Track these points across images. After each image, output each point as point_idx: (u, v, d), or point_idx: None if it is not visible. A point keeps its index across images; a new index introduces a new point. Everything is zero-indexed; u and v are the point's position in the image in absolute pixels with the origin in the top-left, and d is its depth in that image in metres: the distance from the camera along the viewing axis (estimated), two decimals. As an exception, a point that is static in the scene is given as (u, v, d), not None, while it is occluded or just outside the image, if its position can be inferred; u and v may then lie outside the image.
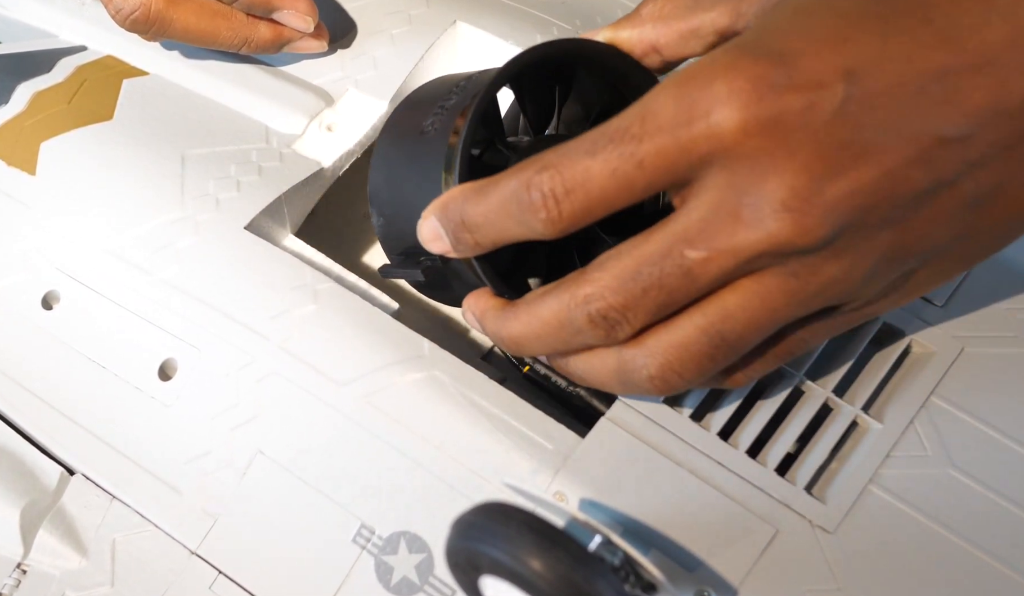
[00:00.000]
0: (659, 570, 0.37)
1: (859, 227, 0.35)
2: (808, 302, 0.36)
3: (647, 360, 0.38)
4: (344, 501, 0.43)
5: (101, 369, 0.47)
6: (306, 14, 0.53)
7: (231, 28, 0.52)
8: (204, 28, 0.52)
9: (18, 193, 0.51)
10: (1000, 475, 0.41)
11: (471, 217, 0.38)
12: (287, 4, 0.53)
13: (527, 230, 0.37)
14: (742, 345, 0.37)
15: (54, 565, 0.46)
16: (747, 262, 0.35)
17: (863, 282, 0.36)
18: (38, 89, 0.53)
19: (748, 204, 0.34)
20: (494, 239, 0.38)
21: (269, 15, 0.53)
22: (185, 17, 0.51)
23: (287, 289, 0.46)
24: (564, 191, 0.36)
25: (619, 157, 0.35)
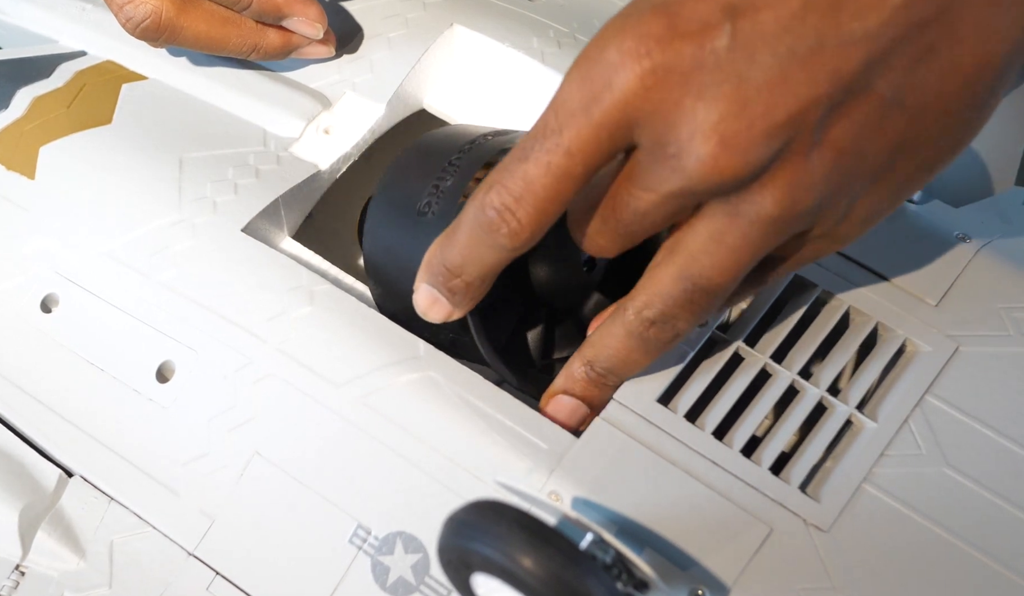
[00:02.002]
0: (652, 568, 0.37)
1: (783, 151, 0.35)
2: (766, 236, 0.37)
3: (645, 313, 0.39)
4: (340, 502, 0.43)
5: (99, 371, 0.48)
6: (316, 21, 0.53)
7: (240, 35, 0.52)
8: (214, 35, 0.52)
9: (17, 197, 0.51)
10: (995, 474, 0.41)
11: (451, 261, 0.40)
12: (297, 11, 0.53)
13: (500, 251, 0.38)
14: (719, 289, 0.38)
15: (52, 566, 0.46)
16: (682, 199, 0.36)
17: (815, 206, 0.37)
18: (38, 94, 0.53)
19: (671, 153, 0.35)
20: (479, 273, 0.39)
21: (279, 22, 0.53)
22: (195, 25, 0.52)
23: (284, 291, 0.46)
24: (514, 200, 0.37)
25: (547, 152, 0.36)
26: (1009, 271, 0.46)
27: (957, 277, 0.45)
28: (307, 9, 0.53)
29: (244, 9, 0.52)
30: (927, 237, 0.47)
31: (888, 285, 0.45)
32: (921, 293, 0.45)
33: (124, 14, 0.51)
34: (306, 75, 0.54)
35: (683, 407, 0.42)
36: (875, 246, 0.46)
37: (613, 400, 0.42)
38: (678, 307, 0.39)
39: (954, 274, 0.45)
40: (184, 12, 0.51)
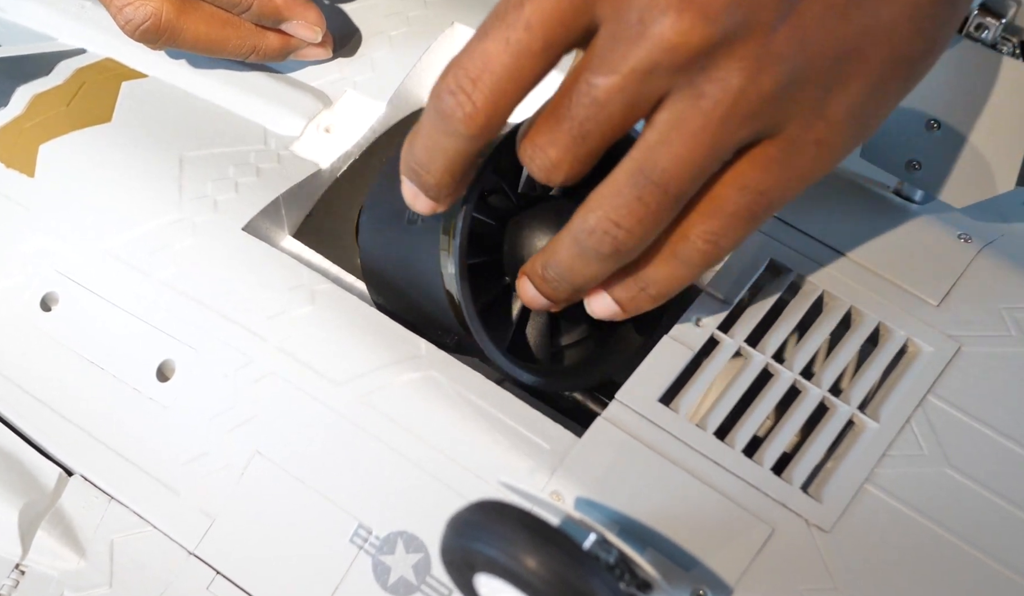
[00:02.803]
0: (655, 569, 0.37)
1: (749, 21, 0.35)
2: (727, 123, 0.36)
3: (588, 217, 0.38)
4: (341, 501, 0.43)
5: (99, 370, 0.47)
6: (314, 24, 0.53)
7: (240, 37, 0.52)
8: (214, 37, 0.52)
9: (17, 195, 0.51)
10: (996, 474, 0.41)
11: (416, 156, 0.39)
12: (296, 14, 0.53)
13: (459, 138, 0.37)
14: (673, 183, 0.37)
15: (52, 566, 0.46)
16: (644, 80, 0.35)
17: (779, 87, 0.36)
18: (37, 91, 0.53)
19: (632, 23, 0.35)
20: (444, 166, 0.39)
21: (278, 25, 0.53)
22: (195, 26, 0.51)
23: (285, 290, 0.46)
24: (471, 82, 0.36)
25: (507, 28, 0.36)
26: (1011, 271, 0.46)
27: (959, 277, 0.45)
28: (306, 12, 0.53)
29: (244, 12, 0.52)
30: (928, 237, 0.47)
31: (890, 285, 0.45)
32: (923, 293, 0.45)
33: (123, 16, 0.51)
34: (307, 73, 0.54)
35: (685, 407, 0.42)
36: (876, 246, 0.46)
37: (615, 400, 0.42)
38: (627, 209, 0.37)
39: (956, 274, 0.45)
40: (184, 13, 0.51)
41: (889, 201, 0.48)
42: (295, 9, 0.53)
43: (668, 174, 0.36)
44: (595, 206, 0.38)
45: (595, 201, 0.38)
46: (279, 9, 0.53)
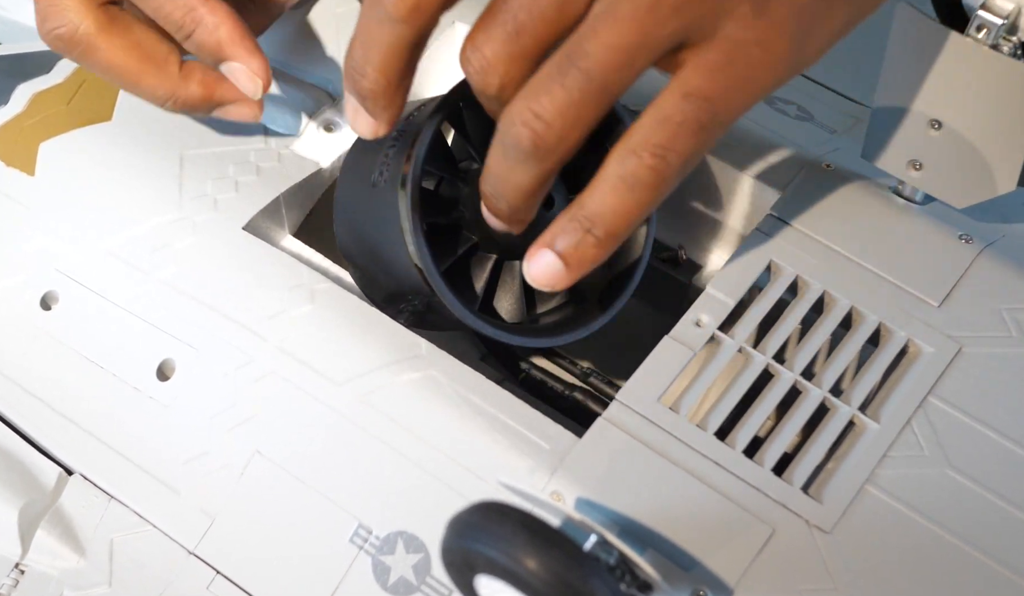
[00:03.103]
0: (655, 569, 0.37)
1: None
2: (658, 9, 0.35)
3: (512, 107, 0.36)
4: (341, 501, 0.43)
5: (99, 369, 0.47)
6: (257, 75, 0.47)
7: (158, 77, 0.47)
8: (130, 68, 0.47)
9: (17, 194, 0.51)
10: (997, 475, 0.41)
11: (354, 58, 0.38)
12: (241, 57, 0.47)
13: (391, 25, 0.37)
14: (599, 74, 0.35)
15: (52, 565, 0.46)
16: None
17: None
18: (37, 90, 0.53)
19: None
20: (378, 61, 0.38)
21: (217, 64, 0.47)
22: (113, 52, 0.46)
23: (285, 289, 0.46)
24: None
25: None
26: (1012, 272, 0.46)
27: (960, 278, 0.45)
28: (250, 58, 0.47)
29: (185, 38, 0.46)
30: (930, 238, 0.47)
31: (891, 286, 0.45)
32: (924, 294, 0.45)
33: (40, 14, 0.46)
34: (307, 72, 0.54)
35: (685, 408, 0.42)
36: (877, 246, 0.46)
37: (615, 400, 0.42)
38: (553, 104, 0.36)
39: (957, 275, 0.45)
40: (105, 33, 0.46)
41: (890, 201, 0.48)
42: (239, 51, 0.46)
43: (593, 59, 0.35)
44: (519, 97, 0.37)
45: (520, 93, 0.37)
46: (221, 45, 0.46)
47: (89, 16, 0.45)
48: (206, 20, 0.45)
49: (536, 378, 0.50)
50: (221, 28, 0.45)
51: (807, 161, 0.50)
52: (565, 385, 0.50)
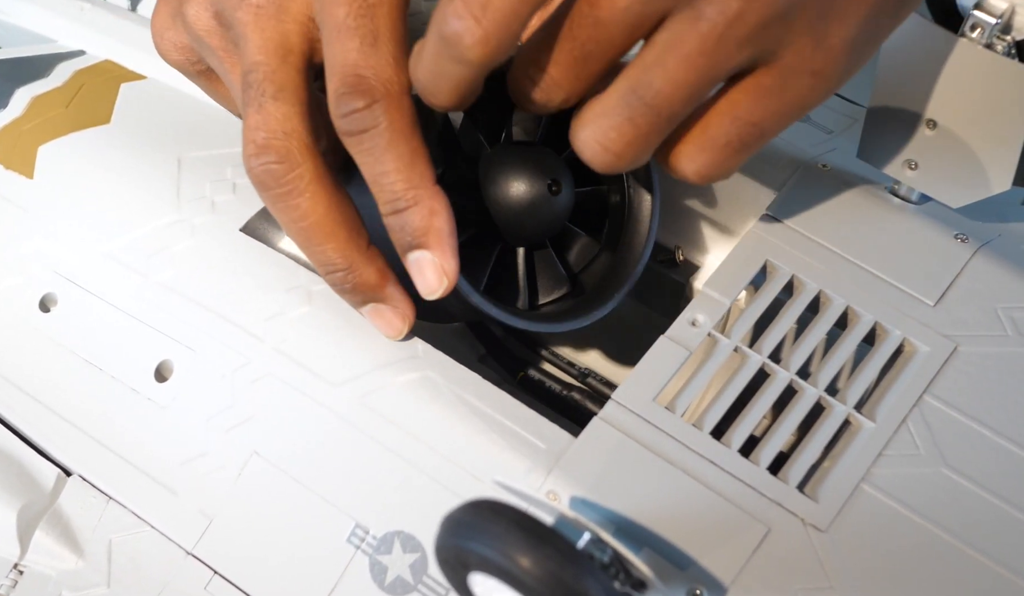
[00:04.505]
0: (650, 568, 0.37)
1: None
2: (725, 45, 0.36)
3: (579, 134, 0.38)
4: (339, 501, 0.43)
5: (98, 371, 0.48)
6: (447, 275, 0.42)
7: (345, 246, 0.43)
8: (324, 227, 0.43)
9: (16, 197, 0.51)
10: (993, 474, 0.41)
11: (421, 81, 0.39)
12: (439, 252, 0.41)
13: (466, 66, 0.37)
14: (664, 105, 0.36)
15: (51, 566, 0.46)
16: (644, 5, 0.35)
17: (777, 12, 0.35)
18: (36, 93, 0.54)
19: None
20: (448, 90, 0.38)
21: (409, 251, 0.42)
22: (317, 203, 0.42)
23: (282, 291, 0.46)
24: (480, 7, 0.36)
25: None
26: (1007, 271, 0.46)
27: (955, 277, 0.45)
28: (448, 258, 0.42)
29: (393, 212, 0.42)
30: (925, 237, 0.47)
31: (886, 285, 0.45)
32: (919, 293, 0.45)
33: (254, 143, 0.42)
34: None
35: (681, 407, 0.42)
36: (873, 246, 0.46)
37: (611, 400, 0.42)
38: (616, 132, 0.37)
39: (952, 274, 0.45)
40: (318, 183, 0.42)
41: (886, 201, 0.48)
42: (442, 246, 0.42)
43: (661, 95, 0.36)
44: (586, 123, 0.38)
45: (585, 118, 0.38)
46: (428, 232, 0.41)
47: (310, 160, 0.42)
48: (425, 202, 0.41)
49: (534, 378, 0.50)
50: (437, 217, 0.41)
51: (803, 161, 0.50)
52: (562, 385, 0.50)
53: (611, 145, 0.37)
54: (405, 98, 0.40)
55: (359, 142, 0.40)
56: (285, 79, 0.42)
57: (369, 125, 0.40)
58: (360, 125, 0.40)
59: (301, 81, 0.42)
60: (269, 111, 0.41)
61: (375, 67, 0.39)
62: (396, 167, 0.40)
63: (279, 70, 0.42)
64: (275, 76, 0.42)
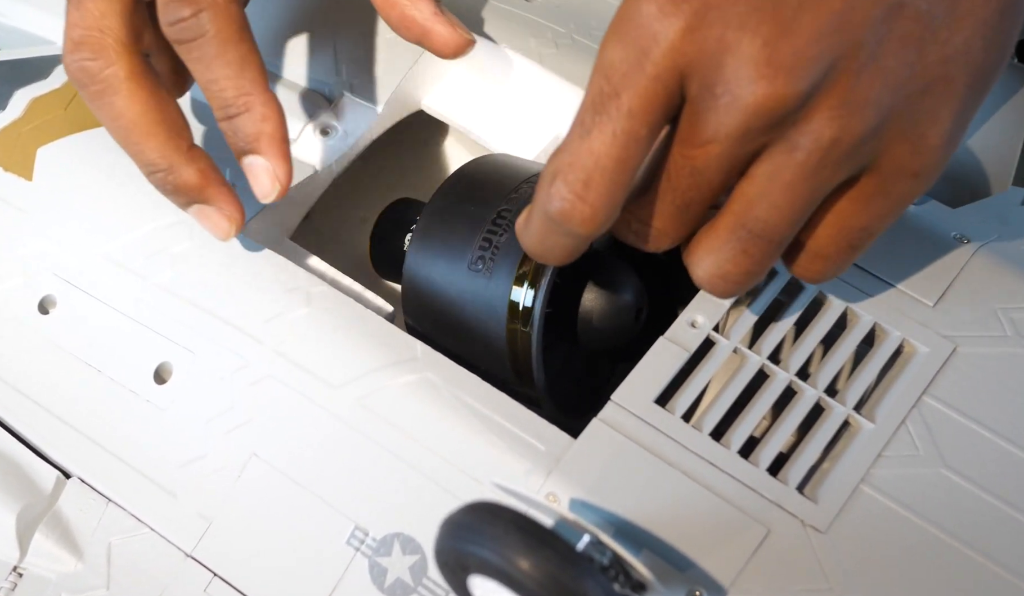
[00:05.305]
0: (650, 570, 0.37)
1: (834, 70, 0.35)
2: (822, 170, 0.36)
3: (695, 271, 0.40)
4: (338, 503, 0.43)
5: (97, 373, 0.48)
6: (279, 180, 0.44)
7: (165, 146, 0.44)
8: (141, 126, 0.43)
9: (15, 199, 0.51)
10: (992, 475, 0.41)
11: (532, 249, 0.40)
12: (273, 157, 0.44)
13: (575, 238, 0.38)
14: (774, 233, 0.38)
15: (50, 568, 0.46)
16: (741, 143, 0.36)
17: (869, 129, 0.36)
18: (35, 95, 0.53)
19: (721, 92, 0.35)
20: (560, 255, 0.39)
21: (243, 155, 0.44)
22: (133, 100, 0.43)
23: (281, 292, 0.46)
24: (583, 184, 0.37)
25: (610, 120, 0.36)
26: (1007, 271, 0.46)
27: (955, 278, 0.45)
28: (281, 162, 0.44)
29: (225, 117, 0.44)
30: (925, 238, 0.47)
31: (886, 286, 0.45)
32: (919, 294, 0.45)
33: (72, 41, 0.43)
34: (303, 75, 0.54)
35: (680, 408, 0.42)
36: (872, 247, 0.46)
37: (611, 401, 0.42)
38: (731, 263, 0.39)
39: (952, 275, 0.45)
40: (134, 81, 0.43)
41: (885, 202, 0.48)
42: (274, 151, 0.44)
43: (769, 225, 0.37)
44: (701, 258, 0.39)
45: (699, 254, 0.39)
46: (259, 137, 0.44)
47: (125, 57, 0.43)
48: (256, 108, 0.43)
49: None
50: (267, 122, 0.43)
51: (802, 162, 0.50)
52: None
53: (729, 276, 0.39)
54: (233, 5, 0.41)
55: (188, 50, 0.42)
56: None
57: (197, 33, 0.41)
58: (188, 34, 0.41)
59: None
60: (87, 8, 0.43)
61: None
62: (226, 74, 0.42)
63: None
64: None
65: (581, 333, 0.47)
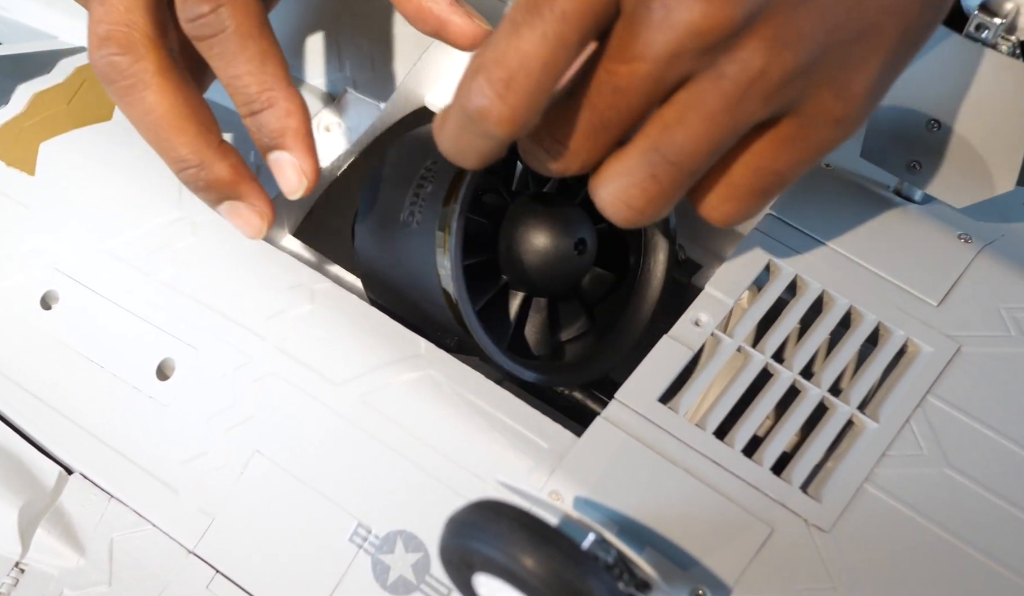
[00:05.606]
0: (654, 568, 0.37)
1: (768, 4, 0.35)
2: (746, 102, 0.36)
3: (599, 192, 0.38)
4: (341, 500, 0.43)
5: (99, 369, 0.48)
6: (306, 175, 0.43)
7: (195, 142, 0.43)
8: (171, 122, 0.43)
9: (17, 194, 0.51)
10: (996, 474, 0.41)
11: (446, 151, 0.38)
12: (298, 152, 0.43)
13: (491, 140, 0.37)
14: (687, 162, 0.37)
15: (52, 564, 0.46)
16: (669, 65, 0.35)
17: (799, 66, 0.36)
18: (38, 90, 0.53)
19: (658, 7, 0.34)
20: (474, 160, 0.38)
21: (268, 152, 0.44)
22: (162, 96, 0.42)
23: (284, 289, 0.46)
24: (504, 83, 0.35)
25: (542, 21, 0.35)
26: (1011, 271, 0.46)
27: (959, 277, 0.45)
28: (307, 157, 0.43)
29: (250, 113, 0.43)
30: (928, 237, 0.47)
31: (889, 285, 0.45)
32: (923, 293, 0.45)
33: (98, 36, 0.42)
34: (306, 72, 0.54)
35: (684, 407, 0.42)
36: (876, 246, 0.46)
37: (615, 399, 0.42)
38: (638, 189, 0.37)
39: (956, 274, 0.45)
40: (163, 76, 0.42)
41: (889, 201, 0.48)
42: (300, 145, 0.43)
43: (683, 152, 0.36)
44: (608, 180, 0.38)
45: (607, 176, 0.38)
46: (284, 133, 0.43)
47: (153, 52, 0.42)
48: (280, 103, 0.42)
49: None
50: (292, 117, 0.42)
51: (806, 161, 0.50)
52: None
53: (634, 202, 0.38)
54: (252, 1, 0.40)
55: (209, 47, 0.41)
56: None
57: (217, 29, 0.40)
58: (208, 30, 0.40)
59: None
60: (112, 3, 0.42)
61: None
62: (248, 70, 0.41)
63: None
64: None
65: (528, 273, 0.46)
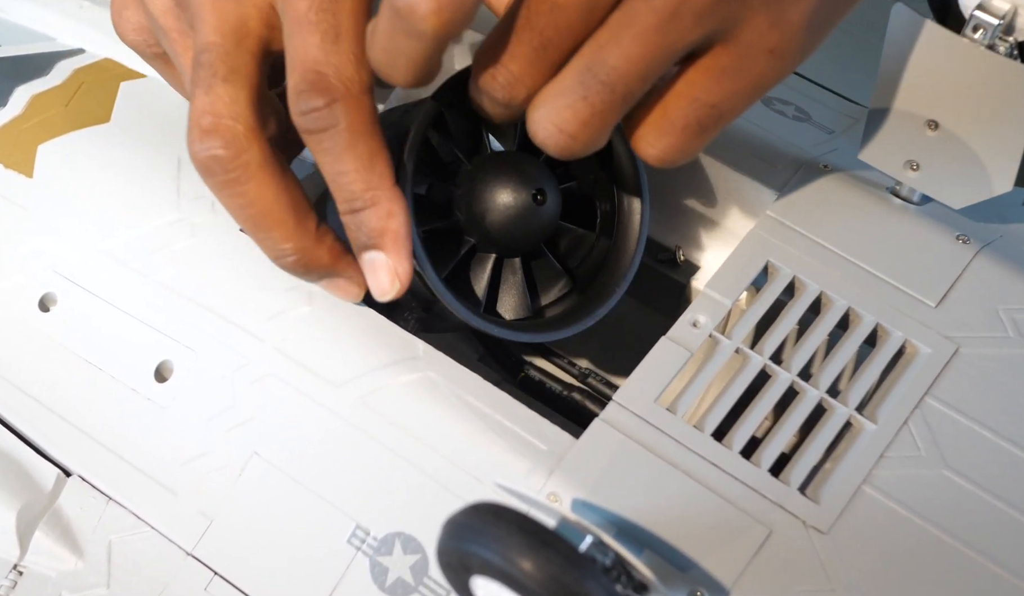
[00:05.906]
0: (652, 570, 0.37)
1: None
2: (677, 19, 0.35)
3: (532, 115, 0.37)
4: (339, 502, 0.43)
5: (97, 371, 0.47)
6: (400, 278, 0.42)
7: (295, 231, 0.42)
8: (273, 213, 0.41)
9: (15, 196, 0.51)
10: (994, 476, 0.41)
11: (376, 61, 0.38)
12: (395, 254, 0.41)
13: (421, 40, 0.36)
14: (619, 83, 0.36)
15: (50, 566, 0.46)
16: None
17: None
18: (36, 92, 0.53)
19: None
20: (404, 69, 0.37)
21: (364, 251, 0.42)
22: (265, 188, 0.41)
23: (283, 290, 0.46)
24: None
25: None
26: (1009, 272, 0.46)
27: (957, 278, 0.45)
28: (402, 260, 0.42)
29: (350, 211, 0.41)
30: (927, 238, 0.47)
31: (888, 286, 0.45)
32: (921, 294, 0.45)
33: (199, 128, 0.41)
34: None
35: (682, 409, 0.42)
36: (874, 247, 0.46)
37: (612, 401, 0.42)
38: (571, 112, 0.37)
39: (954, 275, 0.45)
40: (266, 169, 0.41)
41: (887, 202, 0.48)
42: (397, 248, 0.42)
43: (616, 73, 0.36)
44: (539, 104, 0.37)
45: (539, 99, 0.37)
46: (384, 234, 0.41)
47: (256, 145, 0.41)
48: (383, 204, 0.41)
49: (534, 379, 0.50)
50: (393, 219, 0.41)
51: (804, 161, 0.50)
52: (563, 386, 0.50)
53: (566, 126, 0.37)
54: (366, 97, 0.40)
55: (318, 141, 0.40)
56: (238, 62, 0.41)
57: (328, 124, 0.39)
58: (319, 124, 0.39)
59: (255, 66, 0.41)
60: (218, 93, 0.40)
61: (336, 65, 0.39)
62: (355, 167, 0.40)
63: (233, 52, 0.41)
64: (228, 58, 0.41)
65: (490, 230, 0.45)
